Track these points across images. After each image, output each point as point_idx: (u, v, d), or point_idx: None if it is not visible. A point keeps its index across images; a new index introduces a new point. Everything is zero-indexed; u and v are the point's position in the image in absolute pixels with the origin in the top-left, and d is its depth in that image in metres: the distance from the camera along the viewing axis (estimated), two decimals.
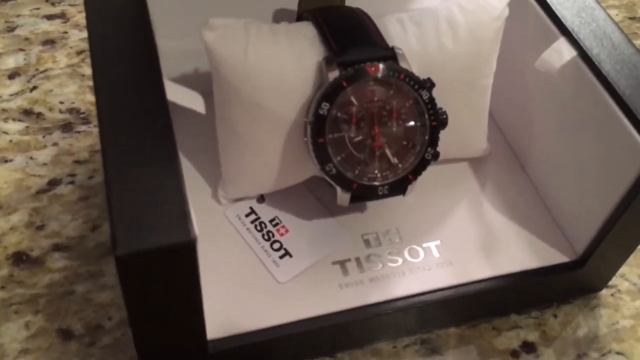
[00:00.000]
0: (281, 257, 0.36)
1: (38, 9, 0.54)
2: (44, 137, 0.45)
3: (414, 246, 0.38)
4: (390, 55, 0.34)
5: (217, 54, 0.34)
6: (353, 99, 0.33)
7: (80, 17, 0.53)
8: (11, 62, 0.50)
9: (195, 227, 0.26)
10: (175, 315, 0.29)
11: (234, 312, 0.34)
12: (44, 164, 0.43)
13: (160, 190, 0.26)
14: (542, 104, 0.39)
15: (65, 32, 0.52)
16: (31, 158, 0.44)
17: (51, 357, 0.35)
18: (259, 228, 0.37)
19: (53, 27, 0.53)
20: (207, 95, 0.35)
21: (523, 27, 0.39)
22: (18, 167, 0.43)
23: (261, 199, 0.39)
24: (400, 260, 0.37)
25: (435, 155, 0.35)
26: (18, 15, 0.54)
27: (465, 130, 0.40)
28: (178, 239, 0.25)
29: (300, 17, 0.39)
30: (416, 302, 0.35)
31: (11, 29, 0.52)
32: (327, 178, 0.34)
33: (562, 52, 0.36)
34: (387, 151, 0.35)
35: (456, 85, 0.37)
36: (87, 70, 0.49)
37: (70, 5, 0.55)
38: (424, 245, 0.38)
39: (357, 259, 0.37)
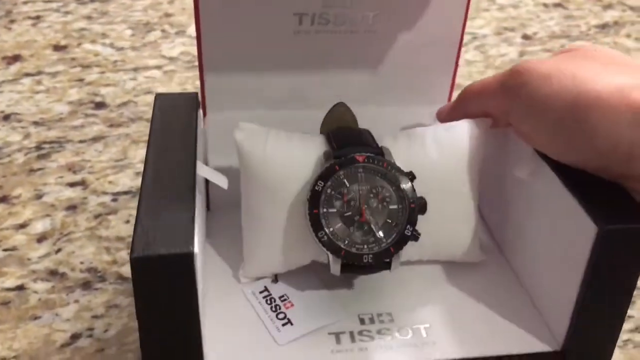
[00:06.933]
0: (283, 324, 0.41)
1: (62, 177, 0.61)
2: (67, 295, 0.50)
3: (405, 327, 0.41)
4: (378, 152, 0.41)
5: (244, 149, 0.42)
6: (345, 181, 0.39)
7: (98, 184, 0.60)
8: (39, 227, 0.56)
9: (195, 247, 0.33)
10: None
11: None
12: (67, 319, 0.48)
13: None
14: (517, 203, 0.44)
15: (85, 198, 0.59)
16: (56, 315, 0.48)
17: None
18: (268, 302, 0.42)
19: (75, 194, 0.59)
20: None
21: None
22: (45, 323, 0.48)
23: (275, 279, 0.44)
24: (389, 338, 0.40)
25: (414, 234, 0.39)
26: (45, 184, 0.60)
27: (455, 235, 0.44)
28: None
29: None
30: None
31: (39, 197, 0.59)
32: (320, 244, 0.39)
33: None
34: (373, 226, 0.39)
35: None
36: (104, 232, 0.55)
37: (89, 173, 0.62)
38: (414, 327, 0.41)
39: (351, 332, 0.40)
